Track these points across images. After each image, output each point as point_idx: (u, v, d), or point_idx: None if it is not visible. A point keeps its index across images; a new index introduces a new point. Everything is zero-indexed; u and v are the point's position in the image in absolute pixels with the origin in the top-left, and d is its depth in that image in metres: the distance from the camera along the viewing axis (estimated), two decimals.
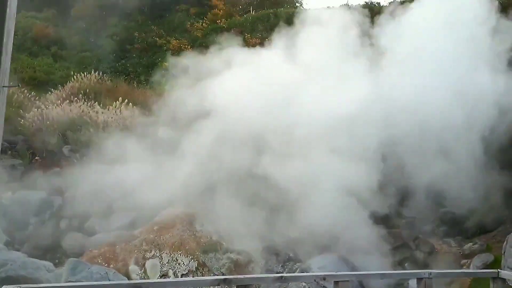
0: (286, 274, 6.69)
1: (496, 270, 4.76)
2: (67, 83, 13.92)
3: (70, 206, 8.73)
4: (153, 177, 8.79)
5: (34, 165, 10.40)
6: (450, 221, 8.95)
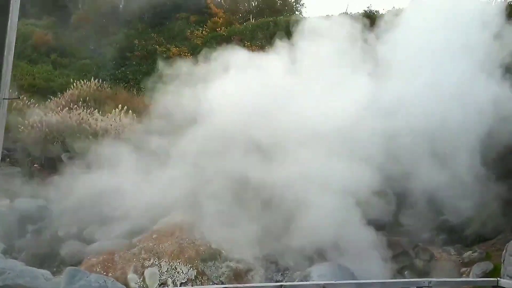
0: (285, 282, 6.65)
1: (495, 279, 4.74)
2: (67, 91, 13.96)
3: (68, 214, 8.68)
4: (152, 184, 8.77)
5: (32, 172, 10.40)
6: (449, 229, 8.93)
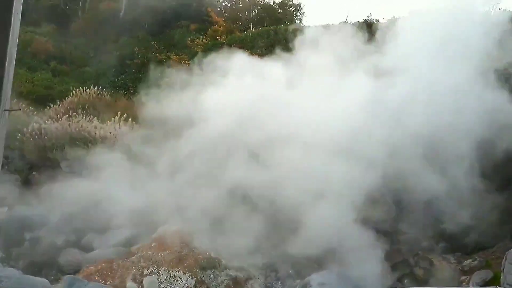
0: None
1: (495, 287, 4.72)
2: (66, 98, 13.95)
3: (67, 221, 8.63)
4: (151, 193, 8.74)
5: (31, 180, 10.36)
6: (449, 237, 8.89)
